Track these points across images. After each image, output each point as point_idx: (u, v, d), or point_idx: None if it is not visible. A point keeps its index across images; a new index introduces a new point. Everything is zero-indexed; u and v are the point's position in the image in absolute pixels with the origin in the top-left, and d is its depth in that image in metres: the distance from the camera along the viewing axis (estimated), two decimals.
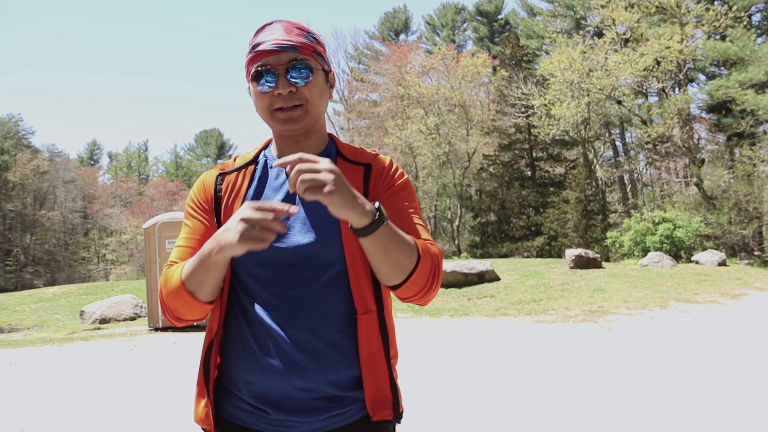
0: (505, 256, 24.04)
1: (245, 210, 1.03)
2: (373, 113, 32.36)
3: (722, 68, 25.92)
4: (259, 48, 1.19)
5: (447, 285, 12.38)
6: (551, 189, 26.50)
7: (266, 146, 1.35)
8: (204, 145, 64.84)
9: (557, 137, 25.19)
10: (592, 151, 25.86)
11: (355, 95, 36.33)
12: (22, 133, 45.64)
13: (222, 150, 64.69)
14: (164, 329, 9.55)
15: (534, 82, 24.98)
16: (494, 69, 29.90)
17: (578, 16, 27.80)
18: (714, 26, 21.19)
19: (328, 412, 1.19)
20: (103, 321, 11.11)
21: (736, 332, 7.26)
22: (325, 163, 1.01)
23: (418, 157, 30.04)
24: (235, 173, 1.30)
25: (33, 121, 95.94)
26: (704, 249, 17.27)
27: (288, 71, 1.18)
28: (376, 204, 1.07)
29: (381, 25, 48.37)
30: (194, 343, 8.22)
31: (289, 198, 1.24)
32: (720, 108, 26.42)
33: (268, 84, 1.19)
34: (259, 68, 1.19)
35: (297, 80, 1.19)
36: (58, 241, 45.37)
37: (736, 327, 7.64)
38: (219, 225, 1.26)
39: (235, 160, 1.34)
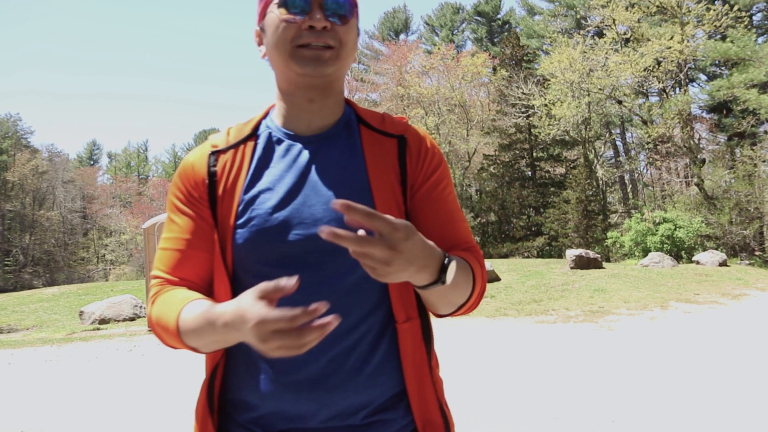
0: (506, 256, 24.01)
1: (256, 307, 0.74)
2: None
3: (723, 68, 25.91)
4: None
5: None
6: (552, 189, 26.47)
7: (266, 115, 1.08)
8: None
9: (558, 137, 25.18)
10: (593, 151, 25.83)
11: (355, 95, 36.26)
12: (21, 132, 45.70)
13: None
14: None
15: (534, 82, 24.94)
16: (494, 69, 29.88)
17: (579, 16, 27.81)
18: (715, 26, 21.18)
19: None
20: (103, 321, 11.08)
21: (737, 333, 7.23)
22: (401, 234, 0.74)
23: None
24: (232, 150, 1.02)
25: (32, 121, 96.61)
26: (705, 249, 17.24)
27: (325, 2, 0.94)
28: (445, 260, 0.84)
29: (381, 25, 48.43)
30: None
31: (302, 178, 0.99)
32: (721, 108, 26.40)
33: (299, 12, 0.94)
34: None
35: (335, 17, 0.95)
36: (57, 242, 45.36)
37: (737, 327, 7.61)
38: (215, 218, 0.99)
39: (228, 133, 1.06)
